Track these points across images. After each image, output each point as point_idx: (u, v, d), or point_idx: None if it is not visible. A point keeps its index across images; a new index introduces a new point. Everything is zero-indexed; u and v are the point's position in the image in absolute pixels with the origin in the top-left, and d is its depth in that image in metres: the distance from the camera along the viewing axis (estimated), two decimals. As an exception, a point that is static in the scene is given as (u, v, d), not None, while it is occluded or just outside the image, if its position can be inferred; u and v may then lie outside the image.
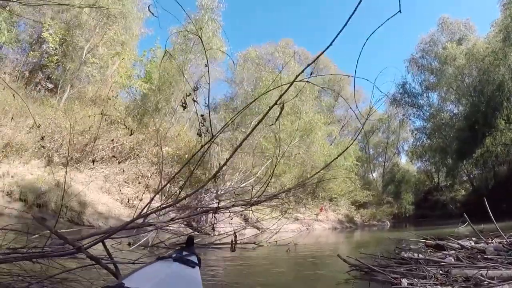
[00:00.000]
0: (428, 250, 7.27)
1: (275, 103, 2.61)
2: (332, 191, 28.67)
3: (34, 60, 20.06)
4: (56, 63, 19.28)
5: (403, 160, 46.49)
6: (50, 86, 19.21)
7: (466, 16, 43.12)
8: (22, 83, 18.42)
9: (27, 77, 19.43)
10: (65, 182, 11.04)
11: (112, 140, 14.53)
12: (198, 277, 2.31)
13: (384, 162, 44.66)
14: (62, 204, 11.09)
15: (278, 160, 11.38)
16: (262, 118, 3.01)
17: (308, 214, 23.57)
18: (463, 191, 38.47)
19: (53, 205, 10.96)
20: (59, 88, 19.09)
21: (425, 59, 35.98)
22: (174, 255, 2.46)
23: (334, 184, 27.87)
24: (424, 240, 8.72)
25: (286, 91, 2.79)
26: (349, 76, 3.00)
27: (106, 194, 13.18)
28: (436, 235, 9.65)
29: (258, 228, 13.79)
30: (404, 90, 36.97)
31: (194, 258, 2.55)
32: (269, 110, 2.61)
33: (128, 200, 13.08)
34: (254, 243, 9.78)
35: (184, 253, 2.63)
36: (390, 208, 36.70)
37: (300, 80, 2.65)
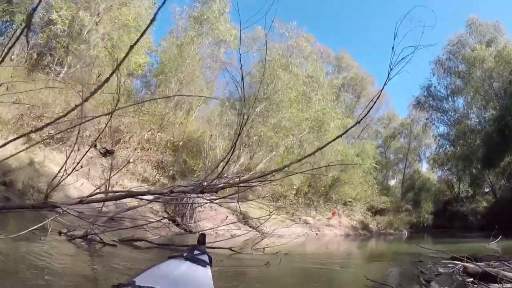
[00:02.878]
0: (469, 280, 4.74)
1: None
2: (347, 194, 26.07)
3: (41, 42, 18.87)
4: (63, 45, 17.93)
5: (424, 167, 43.63)
6: (59, 69, 18.06)
7: (495, 18, 39.60)
8: (29, 64, 17.25)
9: (35, 59, 18.41)
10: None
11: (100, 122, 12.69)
12: (209, 276, 2.38)
13: (404, 169, 41.61)
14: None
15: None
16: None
17: (318, 218, 21.09)
18: (484, 202, 35.55)
19: (21, 184, 9.75)
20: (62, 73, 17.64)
21: (451, 61, 33.40)
22: (185, 254, 2.54)
23: (350, 187, 25.41)
24: (456, 261, 6.30)
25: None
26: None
27: (84, 178, 11.30)
28: (467, 253, 7.28)
29: (258, 231, 11.54)
30: (428, 93, 34.64)
31: (205, 257, 2.62)
32: None
33: (110, 186, 11.13)
34: (230, 248, 7.75)
35: (196, 252, 2.70)
36: (408, 217, 34.16)
37: None
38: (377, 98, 4.82)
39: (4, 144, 2.98)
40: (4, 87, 12.95)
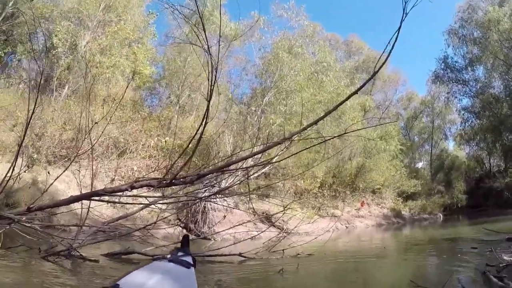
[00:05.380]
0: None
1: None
2: (375, 181, 24.28)
3: (44, 67, 18.58)
4: (66, 67, 17.50)
5: (450, 145, 41.33)
6: (65, 91, 17.46)
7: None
8: (36, 90, 16.86)
9: (42, 84, 18.25)
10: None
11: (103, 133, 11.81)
12: (193, 277, 2.37)
13: (431, 149, 39.05)
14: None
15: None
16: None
17: (347, 210, 19.64)
18: (519, 175, 33.28)
19: (23, 204, 8.61)
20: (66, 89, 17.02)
21: (465, 29, 31.11)
22: (169, 256, 2.47)
23: (377, 173, 23.86)
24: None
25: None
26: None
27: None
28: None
29: (280, 229, 10.27)
30: (446, 65, 32.34)
31: (189, 259, 2.54)
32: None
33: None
34: (240, 254, 6.77)
35: (179, 253, 2.62)
36: (441, 199, 32.03)
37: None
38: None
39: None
40: (4, 113, 12.64)
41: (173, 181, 3.98)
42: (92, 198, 4.11)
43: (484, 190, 33.57)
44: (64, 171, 6.05)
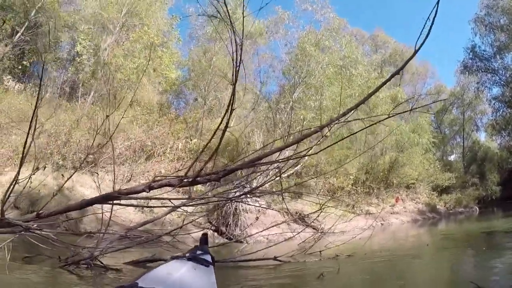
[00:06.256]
0: None
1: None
2: (408, 176, 23.25)
3: (70, 75, 18.82)
4: (91, 74, 17.52)
5: (482, 136, 39.97)
6: (90, 97, 17.58)
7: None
8: (63, 99, 17.11)
9: (68, 92, 18.71)
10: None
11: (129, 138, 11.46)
12: (212, 276, 2.34)
13: (463, 140, 37.94)
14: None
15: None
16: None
17: (382, 207, 18.75)
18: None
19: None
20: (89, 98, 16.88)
21: (491, 16, 29.40)
22: (188, 255, 2.53)
23: (410, 167, 22.88)
24: None
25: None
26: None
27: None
28: None
29: (315, 229, 9.59)
30: (474, 55, 30.69)
31: (207, 257, 2.55)
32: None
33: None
34: (275, 258, 6.19)
35: (198, 252, 2.63)
36: (476, 191, 31.03)
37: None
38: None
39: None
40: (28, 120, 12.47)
41: (197, 179, 3.36)
42: (107, 202, 3.55)
43: (517, 181, 32.52)
44: (74, 172, 5.59)
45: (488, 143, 38.63)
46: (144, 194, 3.71)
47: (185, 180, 3.37)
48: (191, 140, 13.30)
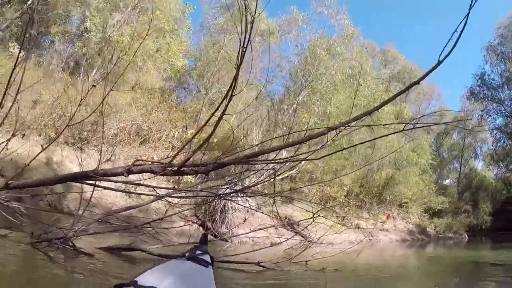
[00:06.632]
0: None
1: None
2: (402, 194, 23.13)
3: (76, 50, 18.47)
4: (97, 51, 17.16)
5: (479, 165, 40.10)
6: (93, 74, 17.08)
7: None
8: (66, 73, 16.63)
9: (72, 66, 17.93)
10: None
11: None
12: (211, 276, 2.32)
13: (460, 166, 38.00)
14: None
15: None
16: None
17: (372, 222, 18.47)
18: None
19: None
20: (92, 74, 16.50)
21: (504, 46, 29.36)
22: (187, 254, 2.47)
23: (405, 186, 22.66)
24: None
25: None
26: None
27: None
28: None
29: (303, 237, 9.23)
30: (482, 82, 30.72)
31: (207, 257, 2.50)
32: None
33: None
34: (259, 263, 5.71)
35: (197, 252, 2.56)
36: (467, 219, 31.08)
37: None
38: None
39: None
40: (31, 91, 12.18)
41: (183, 168, 3.02)
42: (81, 180, 3.19)
43: (509, 213, 32.19)
44: (48, 145, 5.33)
45: (485, 172, 38.60)
46: (129, 178, 3.38)
47: (169, 168, 3.02)
48: (186, 129, 12.91)
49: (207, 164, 3.18)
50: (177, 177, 8.28)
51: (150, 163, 3.38)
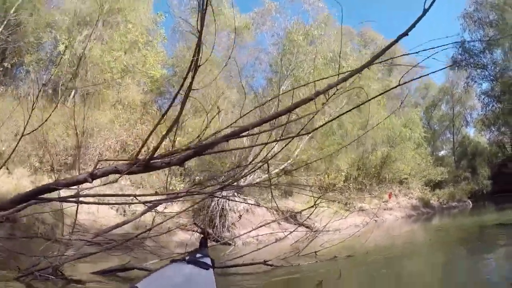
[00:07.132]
0: None
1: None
2: (401, 171, 22.97)
3: (52, 77, 17.98)
4: (73, 74, 16.51)
5: (471, 132, 40.06)
6: (71, 97, 16.68)
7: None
8: (45, 100, 16.20)
9: (51, 93, 17.24)
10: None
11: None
12: (212, 278, 2.31)
13: (453, 135, 37.93)
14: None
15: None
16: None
17: (375, 203, 18.23)
18: (542, 158, 32.07)
19: (25, 219, 8.09)
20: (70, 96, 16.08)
21: (480, 12, 29.36)
22: (187, 258, 2.49)
23: (402, 162, 22.57)
24: None
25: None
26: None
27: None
28: None
29: (308, 228, 8.91)
30: (463, 50, 30.29)
31: (207, 260, 2.50)
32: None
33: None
34: (265, 262, 5.48)
35: (198, 255, 2.57)
36: (468, 185, 30.89)
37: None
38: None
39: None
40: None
41: (151, 162, 2.69)
42: (42, 197, 2.85)
43: (506, 175, 32.34)
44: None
45: (478, 138, 38.71)
46: (111, 191, 3.05)
47: (135, 165, 2.69)
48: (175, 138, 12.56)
49: (178, 152, 2.84)
50: (165, 185, 7.90)
51: (113, 162, 3.03)
